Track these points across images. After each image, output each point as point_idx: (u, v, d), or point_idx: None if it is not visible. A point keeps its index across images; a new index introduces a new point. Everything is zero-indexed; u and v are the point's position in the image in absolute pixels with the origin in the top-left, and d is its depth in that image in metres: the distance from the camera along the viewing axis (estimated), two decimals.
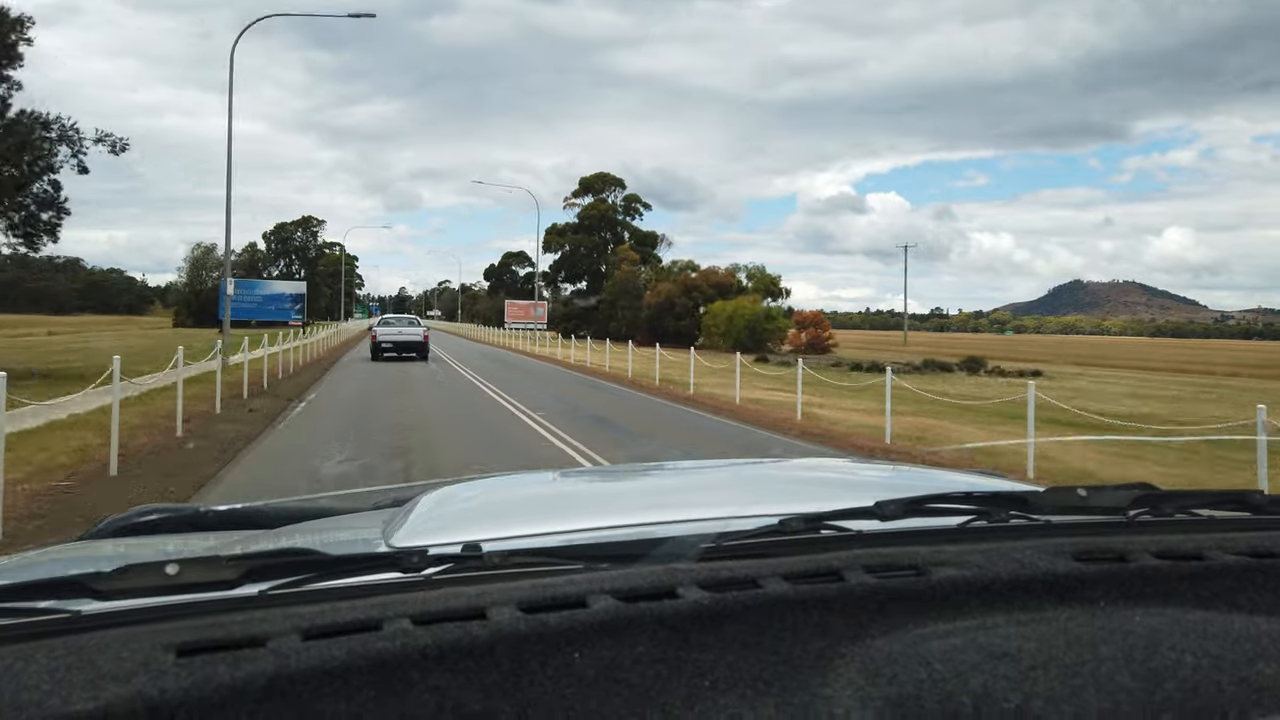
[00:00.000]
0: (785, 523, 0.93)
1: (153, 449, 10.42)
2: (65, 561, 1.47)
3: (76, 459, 9.39)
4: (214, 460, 9.86)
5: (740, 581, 0.79)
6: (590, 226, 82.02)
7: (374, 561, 0.87)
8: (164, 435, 11.41)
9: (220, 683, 0.63)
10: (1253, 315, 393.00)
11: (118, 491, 7.97)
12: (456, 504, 1.41)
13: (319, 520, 1.59)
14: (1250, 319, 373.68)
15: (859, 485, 1.61)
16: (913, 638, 0.77)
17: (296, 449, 11.09)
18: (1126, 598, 0.84)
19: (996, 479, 1.73)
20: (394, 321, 32.57)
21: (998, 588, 0.83)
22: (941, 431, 13.79)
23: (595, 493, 1.67)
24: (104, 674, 0.63)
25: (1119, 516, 1.00)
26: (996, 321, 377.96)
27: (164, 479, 8.69)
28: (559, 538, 1.05)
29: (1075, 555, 0.87)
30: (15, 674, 0.62)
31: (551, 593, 0.75)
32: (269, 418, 13.84)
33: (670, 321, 62.14)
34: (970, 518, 1.01)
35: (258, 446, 11.14)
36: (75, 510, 7.17)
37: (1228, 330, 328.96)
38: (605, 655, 0.70)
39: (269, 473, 9.45)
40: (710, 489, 1.61)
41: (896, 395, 13.57)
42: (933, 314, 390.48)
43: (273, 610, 0.71)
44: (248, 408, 15.10)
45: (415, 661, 0.67)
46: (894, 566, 0.84)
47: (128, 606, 0.73)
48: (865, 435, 13.16)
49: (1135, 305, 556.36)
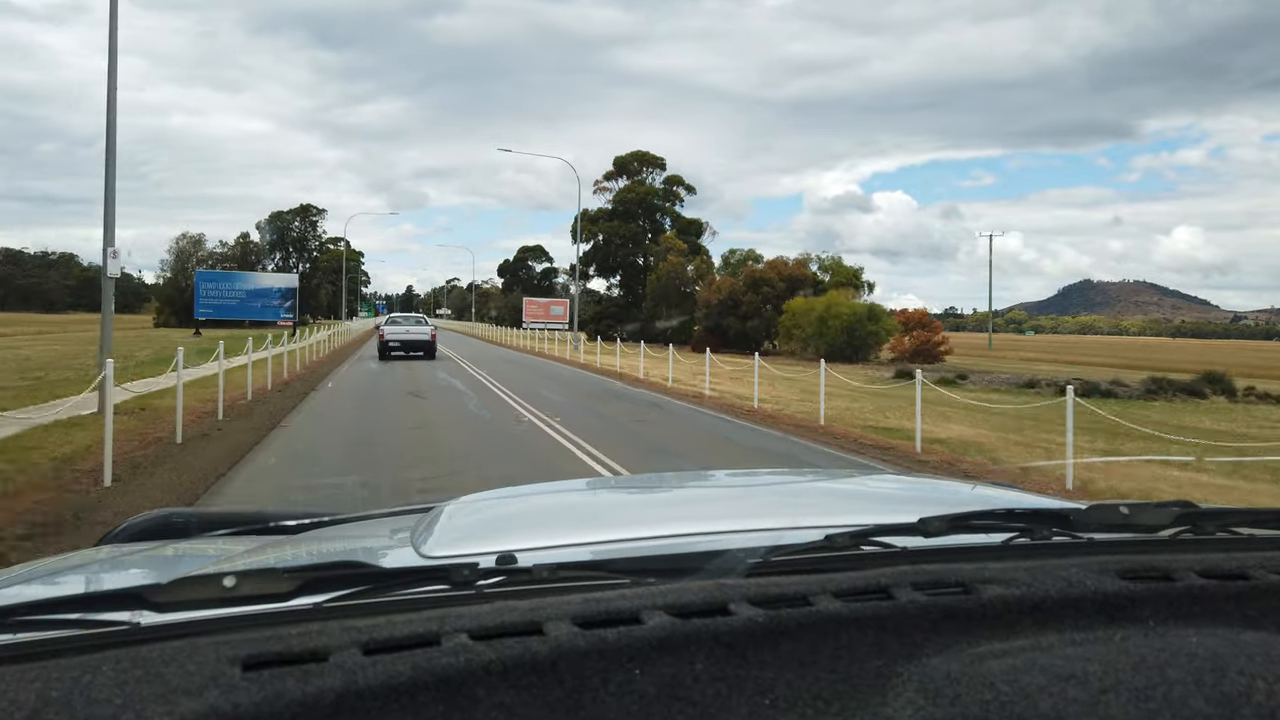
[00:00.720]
0: (831, 538, 0.93)
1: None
2: (110, 569, 1.42)
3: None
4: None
5: (791, 599, 0.79)
6: (626, 212, 71.59)
7: (425, 574, 0.85)
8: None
9: (291, 698, 0.62)
10: (1266, 315, 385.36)
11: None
12: (483, 513, 1.40)
13: (343, 526, 1.55)
14: (1266, 319, 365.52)
15: (898, 499, 1.61)
16: (969, 657, 0.76)
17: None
18: (1176, 618, 0.83)
19: (1032, 495, 1.70)
20: (401, 321, 31.65)
21: (1048, 606, 0.82)
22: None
23: (624, 503, 1.64)
24: (174, 688, 0.62)
25: (1160, 535, 1.01)
26: (1013, 321, 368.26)
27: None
28: (596, 549, 1.05)
29: (1121, 574, 0.87)
30: (84, 686, 0.62)
31: (605, 608, 0.75)
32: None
33: (733, 322, 51.86)
34: (1013, 535, 1.01)
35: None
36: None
37: (1246, 331, 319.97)
38: (665, 673, 0.69)
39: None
40: (745, 500, 1.61)
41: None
42: (947, 313, 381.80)
43: (330, 624, 0.71)
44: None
45: (480, 678, 0.66)
46: (941, 584, 0.84)
47: (186, 619, 0.73)
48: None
49: (1147, 305, 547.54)
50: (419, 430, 12.15)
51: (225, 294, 54.22)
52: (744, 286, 53.07)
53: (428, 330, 29.90)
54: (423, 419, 13.46)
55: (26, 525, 6.19)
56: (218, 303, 53.83)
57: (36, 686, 0.61)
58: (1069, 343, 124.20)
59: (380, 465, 9.43)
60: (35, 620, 0.75)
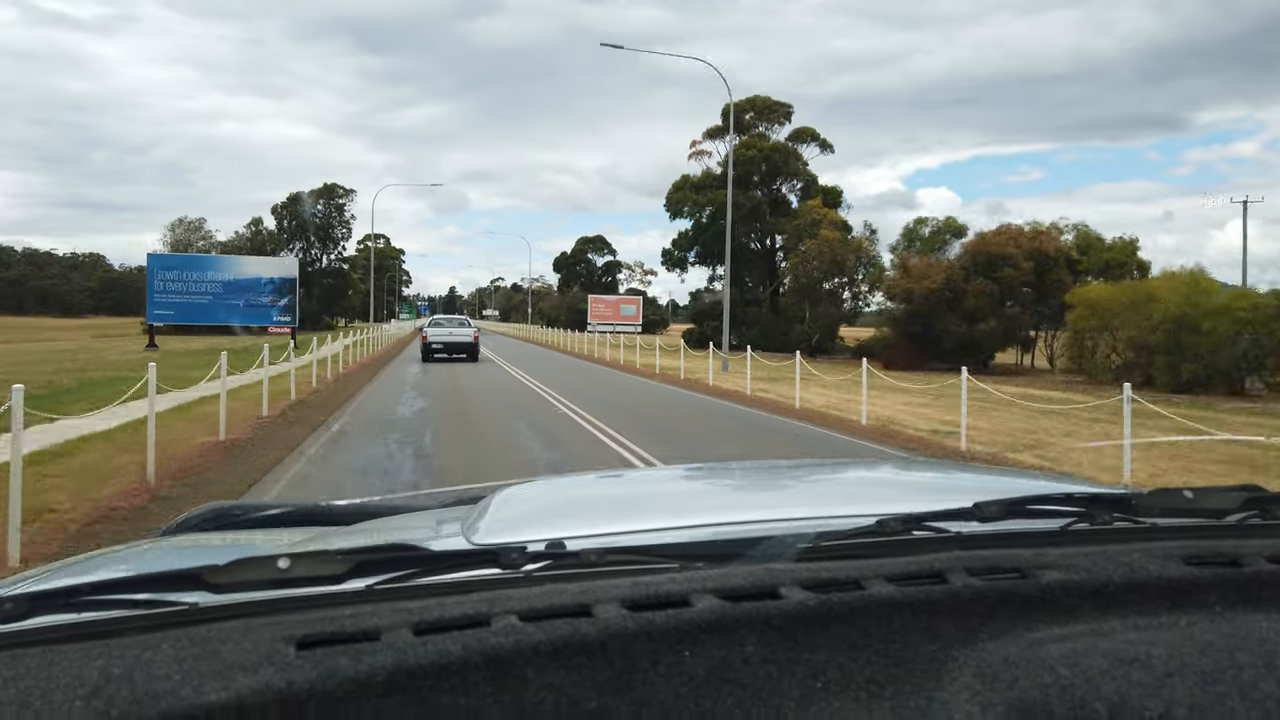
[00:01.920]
0: (883, 523, 0.93)
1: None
2: (170, 554, 1.48)
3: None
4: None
5: (842, 583, 0.79)
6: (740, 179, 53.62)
7: (474, 558, 0.87)
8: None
9: (344, 676, 0.63)
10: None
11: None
12: (533, 502, 1.42)
13: (394, 518, 1.57)
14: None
15: (952, 488, 1.58)
16: (1028, 641, 0.75)
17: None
18: (1245, 603, 0.82)
19: (1088, 483, 1.67)
20: (444, 322, 31.51)
21: (1110, 591, 0.81)
22: None
23: (675, 492, 1.62)
24: (230, 665, 0.64)
25: (1227, 519, 1.00)
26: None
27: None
28: (645, 536, 1.04)
29: (1185, 559, 0.86)
30: (145, 664, 0.64)
31: (654, 590, 0.75)
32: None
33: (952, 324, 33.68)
34: (1071, 520, 0.99)
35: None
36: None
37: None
38: (715, 655, 0.70)
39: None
40: (798, 489, 1.61)
41: None
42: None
43: (381, 605, 0.72)
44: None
45: (529, 658, 0.67)
46: (997, 569, 0.83)
47: (241, 600, 0.74)
48: None
49: None
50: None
51: (192, 287, 37.12)
52: (966, 270, 34.92)
53: (470, 332, 29.44)
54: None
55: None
56: (182, 300, 36.89)
57: (99, 664, 0.64)
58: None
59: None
60: (98, 600, 0.76)
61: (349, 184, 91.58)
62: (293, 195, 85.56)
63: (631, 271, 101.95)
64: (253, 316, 37.96)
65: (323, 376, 20.09)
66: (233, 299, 37.50)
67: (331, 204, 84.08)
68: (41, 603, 0.75)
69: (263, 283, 38.15)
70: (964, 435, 11.62)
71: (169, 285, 36.72)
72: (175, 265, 38.18)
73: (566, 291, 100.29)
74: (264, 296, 37.94)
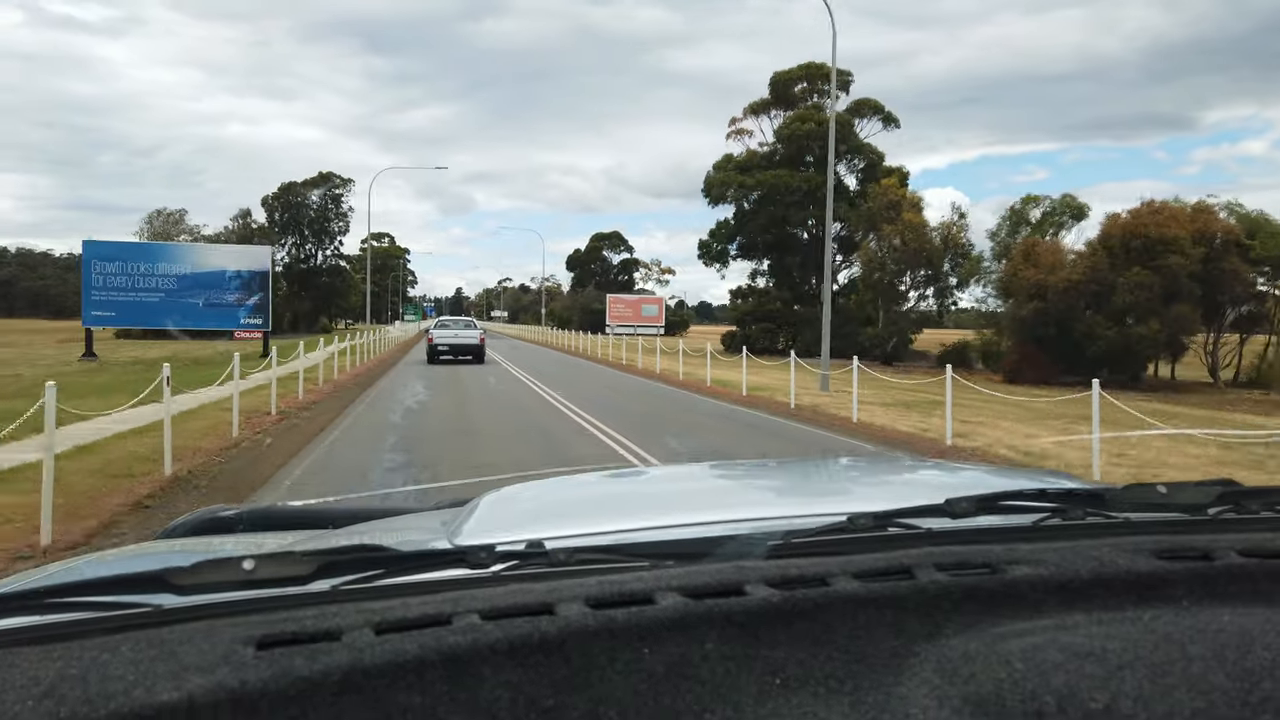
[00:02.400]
0: (854, 520, 0.93)
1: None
2: (145, 558, 1.50)
3: None
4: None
5: (809, 579, 0.79)
6: (790, 158, 46.49)
7: (441, 558, 0.87)
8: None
9: (298, 675, 0.64)
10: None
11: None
12: (517, 503, 1.42)
13: (383, 520, 1.59)
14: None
15: (927, 485, 1.58)
16: (990, 636, 0.75)
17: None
18: (1212, 597, 0.82)
19: (1066, 479, 1.65)
20: (451, 324, 31.17)
21: (1076, 586, 0.81)
22: None
23: (655, 493, 1.65)
24: (187, 666, 0.64)
25: (1201, 514, 0.99)
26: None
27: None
28: (622, 535, 1.05)
29: (1156, 553, 0.85)
30: (101, 665, 0.64)
31: (618, 589, 0.75)
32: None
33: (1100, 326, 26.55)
34: (1044, 516, 0.99)
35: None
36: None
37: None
38: (674, 652, 0.70)
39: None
40: (772, 488, 1.61)
41: None
42: None
43: (346, 605, 0.72)
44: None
45: (486, 656, 0.67)
46: (967, 564, 0.83)
47: (207, 601, 0.75)
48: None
49: None
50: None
51: (140, 283, 29.59)
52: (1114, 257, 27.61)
53: (476, 334, 29.52)
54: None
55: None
56: (127, 298, 29.54)
57: (57, 665, 0.64)
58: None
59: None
60: (63, 603, 0.77)
61: (355, 185, 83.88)
62: (285, 185, 76.72)
63: (648, 270, 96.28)
64: (214, 318, 30.52)
65: (291, 397, 15.33)
66: (190, 297, 29.88)
67: (328, 195, 76.06)
68: (4, 605, 0.76)
69: (227, 277, 30.54)
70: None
71: (111, 280, 28.92)
72: (118, 255, 29.72)
73: (580, 291, 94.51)
74: (229, 294, 30.47)
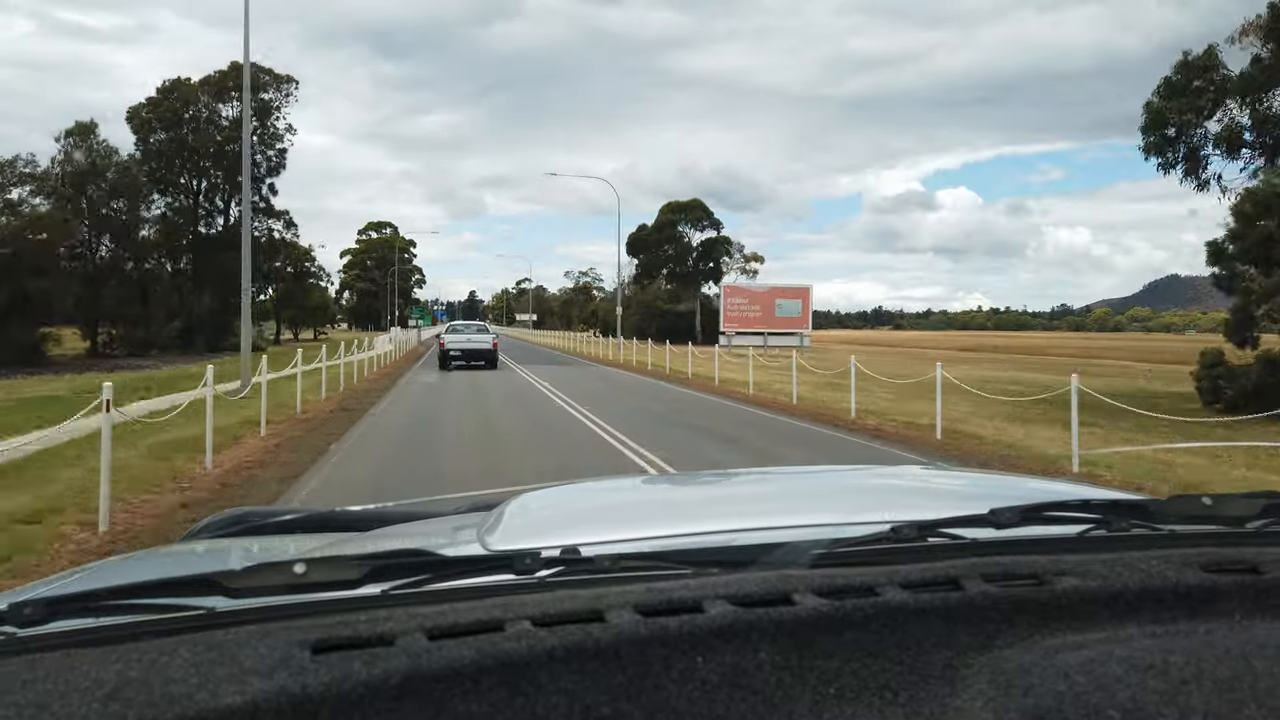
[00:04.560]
0: (898, 530, 0.93)
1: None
2: (188, 559, 1.51)
3: None
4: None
5: (857, 589, 0.78)
6: None
7: (487, 563, 0.87)
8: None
9: (358, 680, 0.64)
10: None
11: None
12: (548, 508, 1.42)
13: (412, 524, 1.57)
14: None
15: (969, 494, 1.58)
16: (1043, 649, 0.75)
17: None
18: (1264, 610, 0.81)
19: (1108, 489, 1.60)
20: (463, 329, 30.83)
21: (1127, 598, 0.80)
22: None
23: (691, 498, 1.64)
24: (247, 669, 0.64)
25: (1246, 527, 0.99)
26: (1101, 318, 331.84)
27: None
28: (662, 542, 1.04)
29: (1204, 566, 0.85)
30: (161, 667, 0.64)
31: (667, 596, 0.75)
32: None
33: None
34: (1089, 527, 0.99)
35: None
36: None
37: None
38: (728, 661, 0.70)
39: None
40: (814, 496, 1.60)
41: None
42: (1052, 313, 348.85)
43: (396, 610, 0.72)
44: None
45: (542, 663, 0.67)
46: (1013, 575, 0.82)
47: (258, 604, 0.75)
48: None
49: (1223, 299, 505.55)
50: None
51: None
52: None
53: (489, 339, 29.09)
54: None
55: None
56: None
57: (117, 667, 0.64)
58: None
59: None
60: (118, 605, 0.77)
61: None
62: (168, 84, 44.69)
63: (730, 257, 71.19)
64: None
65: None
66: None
67: (253, 108, 35.33)
68: (60, 608, 0.76)
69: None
70: None
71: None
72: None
73: (647, 284, 71.27)
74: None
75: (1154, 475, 9.35)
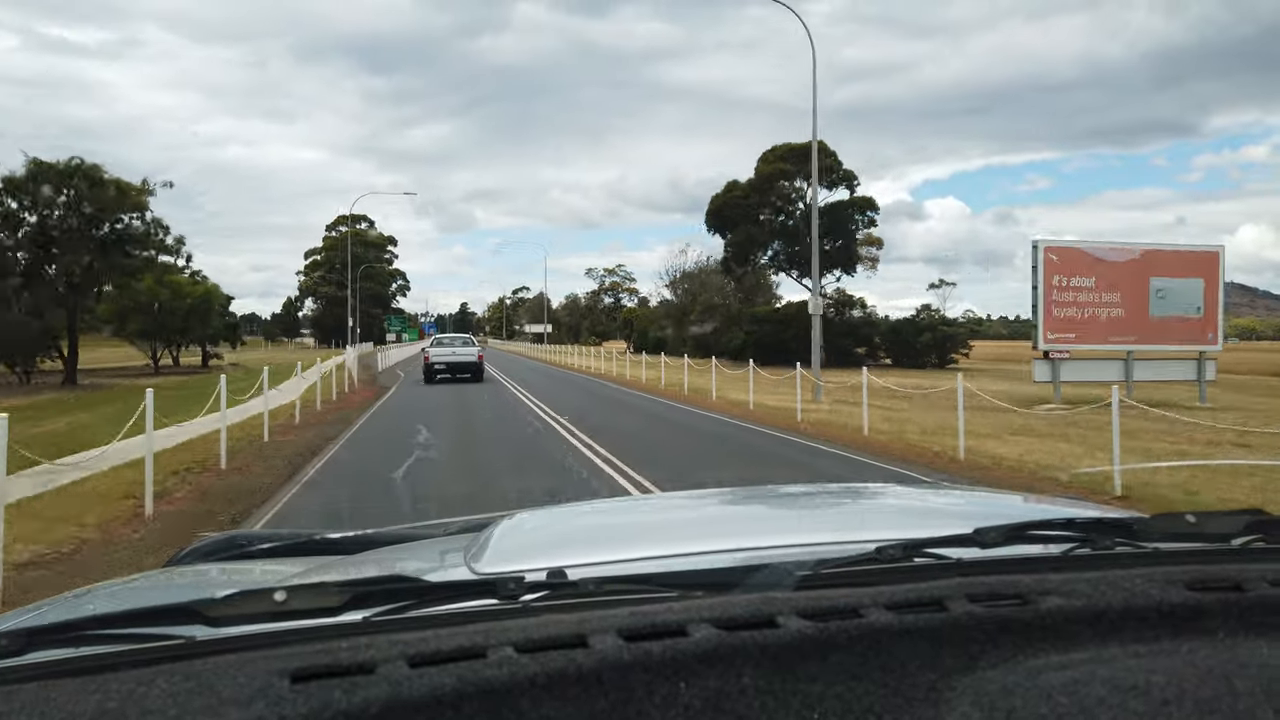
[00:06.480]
0: (883, 550, 0.92)
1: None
2: (168, 587, 1.48)
3: None
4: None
5: (842, 611, 0.78)
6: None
7: (470, 588, 0.87)
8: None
9: (338, 709, 0.63)
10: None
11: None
12: (536, 531, 1.42)
13: (398, 547, 1.56)
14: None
15: (953, 513, 1.56)
16: (1027, 669, 0.74)
17: None
18: (1247, 629, 0.81)
19: (1093, 507, 1.63)
20: (448, 342, 30.75)
21: (1110, 618, 0.80)
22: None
23: (678, 520, 1.62)
24: (224, 699, 0.63)
25: (1230, 544, 0.99)
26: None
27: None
28: (647, 564, 1.04)
29: (1188, 584, 0.85)
30: (139, 698, 0.63)
31: (650, 620, 0.75)
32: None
33: None
34: (1073, 545, 0.99)
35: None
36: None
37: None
38: (711, 686, 0.69)
39: None
40: (798, 516, 1.58)
41: None
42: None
43: (378, 637, 0.71)
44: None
45: (524, 689, 0.66)
46: (998, 595, 0.82)
47: (238, 633, 0.74)
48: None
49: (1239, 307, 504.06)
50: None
51: None
52: None
53: (474, 351, 29.24)
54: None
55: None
56: None
57: (95, 698, 0.63)
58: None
59: None
60: (96, 635, 0.77)
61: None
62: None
63: (875, 226, 47.66)
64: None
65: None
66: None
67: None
68: (38, 638, 0.75)
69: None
70: None
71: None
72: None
73: (735, 269, 46.45)
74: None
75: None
